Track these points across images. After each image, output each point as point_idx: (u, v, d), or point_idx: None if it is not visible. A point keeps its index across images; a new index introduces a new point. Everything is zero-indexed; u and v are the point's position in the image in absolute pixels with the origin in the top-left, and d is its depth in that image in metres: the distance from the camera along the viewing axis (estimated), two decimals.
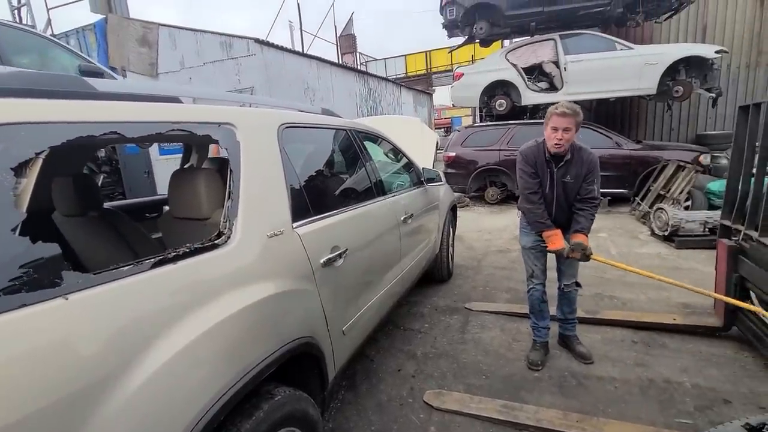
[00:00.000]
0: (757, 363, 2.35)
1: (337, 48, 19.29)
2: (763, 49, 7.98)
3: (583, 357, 2.45)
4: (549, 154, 2.21)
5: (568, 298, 2.49)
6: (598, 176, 2.23)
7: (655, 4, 6.80)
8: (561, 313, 2.55)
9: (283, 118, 1.70)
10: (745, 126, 2.45)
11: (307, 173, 2.39)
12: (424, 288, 3.65)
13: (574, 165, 2.20)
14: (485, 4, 7.24)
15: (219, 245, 1.19)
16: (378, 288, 2.16)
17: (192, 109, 1.33)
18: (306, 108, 2.18)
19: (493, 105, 7.53)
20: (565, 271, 2.44)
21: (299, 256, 1.47)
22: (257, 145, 1.48)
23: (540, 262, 2.46)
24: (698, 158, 6.13)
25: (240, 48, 7.57)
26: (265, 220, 1.38)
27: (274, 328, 1.25)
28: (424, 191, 3.13)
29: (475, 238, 5.47)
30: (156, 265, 1.00)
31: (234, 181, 1.32)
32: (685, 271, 3.94)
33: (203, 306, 1.06)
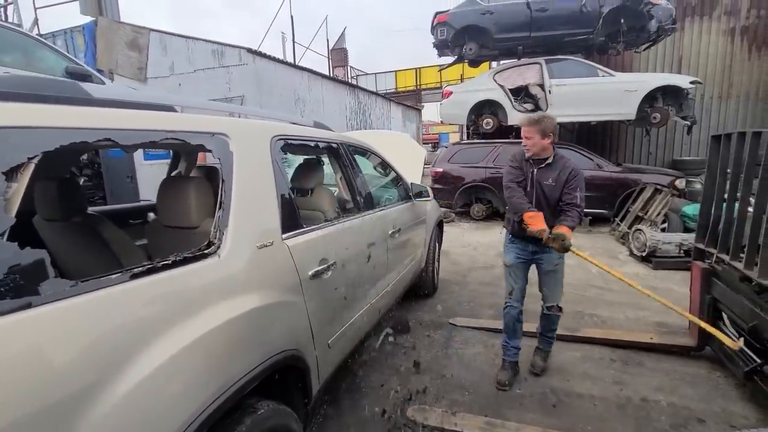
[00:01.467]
0: (729, 382, 2.43)
1: (329, 61, 19.49)
2: (734, 82, 8.42)
3: (533, 365, 2.58)
4: (529, 157, 2.40)
5: (549, 319, 2.58)
6: (582, 186, 2.32)
7: (635, 34, 7.14)
8: (540, 328, 2.65)
9: (275, 130, 1.72)
10: (717, 154, 2.58)
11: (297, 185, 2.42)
12: (410, 302, 3.66)
13: (554, 169, 2.34)
14: (475, 26, 7.46)
15: (209, 255, 1.18)
16: (364, 301, 2.16)
17: (186, 118, 1.34)
18: (298, 120, 2.21)
19: (480, 123, 7.70)
20: (548, 295, 2.52)
21: (288, 268, 1.47)
22: (250, 156, 1.49)
23: (521, 280, 2.52)
24: (674, 182, 6.37)
25: (231, 57, 7.58)
26: (255, 230, 1.38)
27: (260, 340, 1.24)
28: (412, 206, 3.17)
29: (460, 253, 5.52)
30: (142, 274, 0.99)
31: (226, 191, 1.32)
32: (661, 291, 4.05)
33: (189, 317, 1.05)
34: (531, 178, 2.37)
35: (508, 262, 2.55)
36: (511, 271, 2.54)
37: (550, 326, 2.59)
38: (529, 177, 2.38)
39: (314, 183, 2.40)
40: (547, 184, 2.33)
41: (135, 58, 7.79)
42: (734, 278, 2.36)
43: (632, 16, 6.85)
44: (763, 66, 8.27)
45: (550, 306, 2.52)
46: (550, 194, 2.34)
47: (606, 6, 6.84)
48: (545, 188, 2.34)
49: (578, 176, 2.32)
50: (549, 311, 2.53)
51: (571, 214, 2.29)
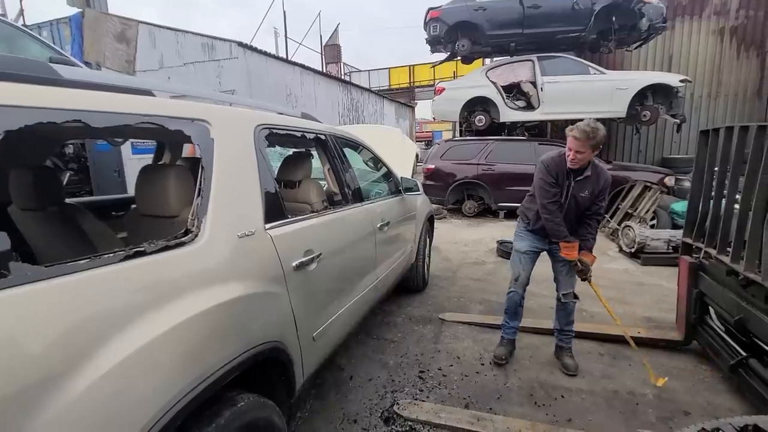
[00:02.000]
0: (715, 376, 2.45)
1: (322, 57, 19.38)
2: (723, 82, 8.52)
3: (566, 368, 2.50)
4: (571, 168, 2.28)
5: (566, 310, 2.55)
6: (607, 197, 2.39)
7: (626, 32, 7.17)
8: (558, 324, 2.61)
9: (260, 119, 1.68)
10: (705, 149, 2.59)
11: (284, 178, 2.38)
12: (399, 297, 3.64)
13: (591, 182, 2.29)
14: (468, 23, 7.45)
15: (185, 243, 1.15)
16: (351, 295, 2.13)
17: (164, 102, 1.30)
18: (286, 111, 2.17)
19: (472, 120, 7.70)
20: (563, 282, 2.52)
21: (270, 259, 1.44)
22: (232, 144, 1.45)
23: (528, 267, 2.58)
24: (663, 180, 6.43)
25: (222, 50, 7.48)
26: (236, 219, 1.34)
27: (240, 331, 1.21)
28: (402, 200, 3.14)
29: (451, 249, 5.51)
30: (112, 261, 0.95)
31: (205, 178, 1.29)
32: (650, 287, 4.09)
33: (164, 305, 1.01)
34: (567, 190, 2.31)
35: (522, 248, 2.56)
36: (521, 258, 2.57)
37: (568, 317, 2.56)
38: (564, 189, 2.32)
39: (302, 175, 2.37)
40: (583, 196, 2.31)
41: (123, 50, 7.65)
42: (721, 272, 2.38)
43: (624, 14, 6.89)
44: (751, 66, 8.37)
45: (566, 293, 2.52)
46: (582, 204, 2.34)
47: (598, 3, 6.86)
48: (580, 200, 2.32)
49: (608, 186, 2.35)
50: (565, 299, 2.52)
51: (593, 230, 2.39)
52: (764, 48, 8.18)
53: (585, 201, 2.31)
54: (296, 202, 2.30)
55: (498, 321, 3.15)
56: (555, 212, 2.31)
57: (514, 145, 7.04)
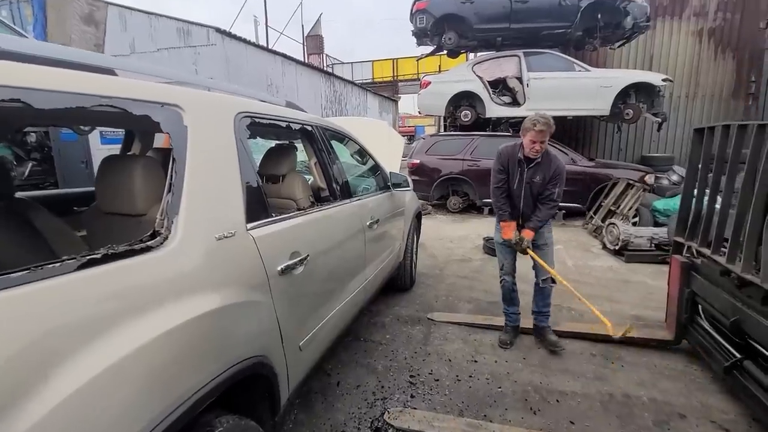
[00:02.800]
0: (706, 376, 2.43)
1: (304, 48, 18.94)
2: (701, 82, 8.71)
3: (552, 345, 2.67)
4: (524, 157, 2.53)
5: (543, 293, 2.74)
6: (562, 182, 2.54)
7: (611, 31, 7.21)
8: (536, 306, 2.80)
9: (241, 106, 1.51)
10: (699, 147, 2.56)
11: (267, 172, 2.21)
12: (387, 296, 3.52)
13: (542, 168, 2.53)
14: (454, 15, 7.33)
15: (153, 247, 0.98)
16: (340, 298, 1.99)
17: (127, 83, 1.12)
18: (269, 99, 2.00)
19: (458, 115, 7.61)
20: (539, 268, 2.70)
21: (253, 263, 1.28)
22: (208, 133, 1.28)
23: (510, 256, 2.77)
24: (644, 177, 6.51)
25: (199, 36, 7.12)
26: (213, 219, 1.18)
27: (218, 348, 1.06)
28: (391, 196, 3.01)
29: (437, 246, 5.43)
30: (61, 271, 0.78)
31: (177, 172, 1.12)
32: (634, 284, 4.10)
33: (126, 324, 0.85)
34: (521, 176, 2.56)
35: (498, 240, 2.77)
36: (502, 248, 2.78)
37: (545, 300, 2.74)
38: (517, 175, 2.56)
39: (286, 169, 2.20)
40: (536, 182, 2.54)
41: (91, 33, 7.18)
42: (714, 272, 2.35)
43: (609, 11, 6.91)
44: (727, 67, 8.59)
45: (544, 279, 2.69)
46: (537, 190, 2.57)
47: (584, 0, 6.86)
48: (533, 186, 2.56)
49: (561, 174, 2.54)
50: (543, 284, 2.70)
51: (541, 213, 2.57)
52: (740, 50, 8.40)
53: (540, 186, 2.54)
54: (280, 197, 2.14)
55: (488, 321, 3.09)
56: (499, 196, 2.62)
57: (499, 141, 6.95)
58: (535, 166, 2.53)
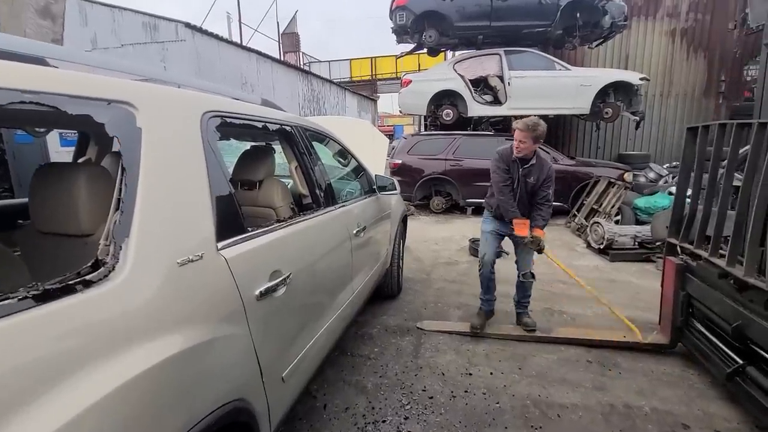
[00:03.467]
0: (703, 380, 2.37)
1: (279, 46, 18.51)
2: (674, 81, 8.91)
3: (526, 325, 2.90)
4: (518, 158, 2.69)
5: (524, 286, 2.96)
6: (553, 184, 2.75)
7: (590, 30, 7.25)
8: (517, 297, 3.02)
9: (209, 105, 1.31)
10: (693, 147, 2.49)
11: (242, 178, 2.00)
12: (373, 305, 3.35)
13: (536, 170, 2.69)
14: (435, 12, 7.21)
15: (92, 282, 0.78)
16: (326, 316, 1.81)
17: (62, 75, 0.90)
18: (243, 96, 1.79)
19: (440, 114, 7.51)
20: (521, 263, 2.92)
21: (225, 289, 1.09)
22: (169, 137, 1.08)
23: (492, 247, 2.91)
24: (623, 175, 6.57)
25: (167, 32, 6.73)
26: (174, 240, 0.98)
27: (180, 402, 0.86)
28: (377, 200, 2.84)
29: (422, 248, 5.29)
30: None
31: (128, 185, 0.91)
32: (621, 283, 4.08)
33: (60, 383, 0.66)
34: (517, 177, 2.71)
35: (487, 229, 2.94)
36: (487, 237, 2.92)
37: (525, 292, 2.98)
38: (515, 176, 2.72)
39: (263, 174, 2.00)
40: (530, 182, 2.70)
41: (48, 27, 6.66)
42: (712, 275, 2.28)
43: (588, 10, 6.94)
44: (699, 67, 8.82)
45: (524, 273, 2.90)
46: (531, 191, 2.73)
47: None
48: (528, 186, 2.72)
49: (552, 175, 2.73)
50: (524, 278, 2.91)
51: (543, 213, 2.74)
52: (710, 50, 8.63)
53: (533, 186, 2.71)
54: (257, 206, 1.93)
55: None
56: (507, 194, 2.72)
57: (481, 141, 6.92)
58: (530, 168, 2.68)
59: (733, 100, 8.34)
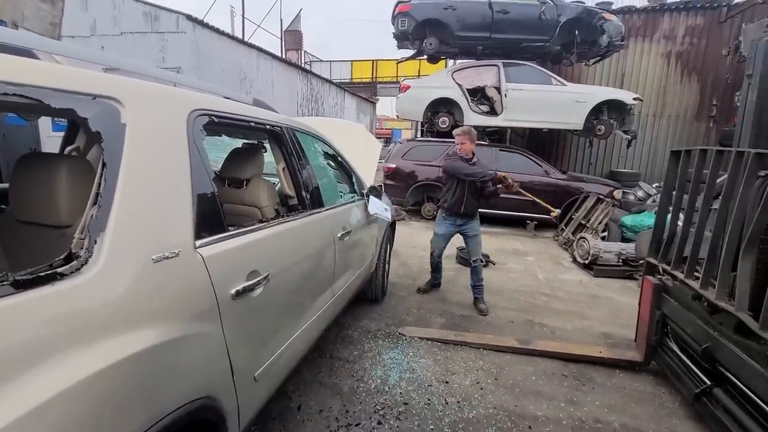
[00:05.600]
0: (673, 399, 2.42)
1: (282, 43, 18.52)
2: (667, 103, 9.07)
3: (480, 311, 3.51)
4: (461, 157, 3.49)
5: (476, 271, 3.57)
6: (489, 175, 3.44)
7: (587, 47, 7.37)
8: (471, 282, 3.61)
9: (197, 102, 1.32)
10: (675, 169, 2.55)
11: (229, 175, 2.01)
12: (356, 308, 3.36)
13: (476, 165, 3.49)
14: (437, 21, 7.27)
15: (65, 275, 0.79)
16: (305, 317, 1.82)
17: (47, 68, 0.92)
18: (234, 96, 1.80)
19: (436, 121, 7.56)
20: (471, 251, 3.60)
21: (200, 287, 1.10)
22: (154, 133, 1.09)
23: (442, 244, 3.70)
24: (612, 193, 6.66)
25: (168, 22, 6.70)
26: (151, 237, 0.99)
27: (148, 396, 0.87)
28: (365, 204, 2.86)
29: (410, 254, 5.32)
30: None
31: (107, 179, 0.93)
32: (603, 299, 4.13)
33: (23, 374, 0.67)
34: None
35: (439, 232, 3.65)
36: (439, 239, 3.66)
37: (478, 276, 3.58)
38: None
39: (251, 173, 2.01)
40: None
41: (46, 11, 6.62)
42: (686, 296, 2.34)
43: (586, 28, 7.05)
44: (692, 90, 8.98)
45: (474, 260, 3.57)
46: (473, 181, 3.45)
47: (563, 16, 6.97)
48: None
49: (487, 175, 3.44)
50: (474, 263, 3.57)
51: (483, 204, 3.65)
52: (703, 75, 8.81)
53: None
54: (243, 204, 1.95)
55: (460, 337, 2.99)
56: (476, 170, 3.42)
57: (476, 150, 6.98)
58: (473, 164, 3.49)
59: (724, 125, 8.51)
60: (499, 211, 6.74)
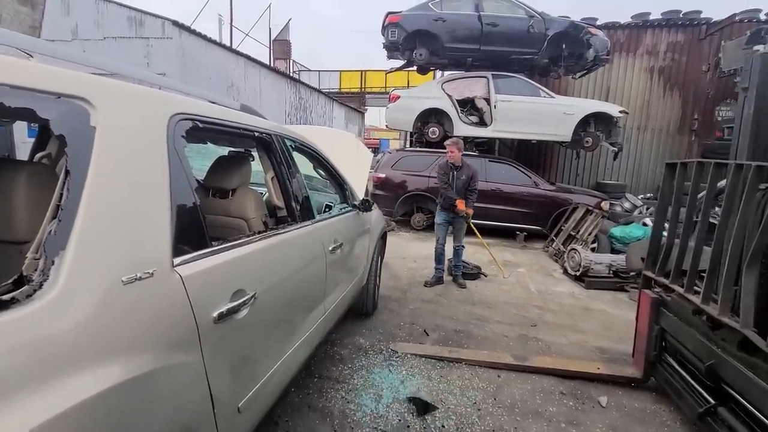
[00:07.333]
0: (674, 417, 2.36)
1: (270, 52, 18.45)
2: (650, 116, 9.28)
3: (460, 285, 4.46)
4: (450, 164, 4.30)
5: (457, 253, 4.52)
6: (477, 180, 4.39)
7: (574, 61, 7.49)
8: (453, 262, 4.56)
9: (179, 106, 1.21)
10: (671, 182, 2.53)
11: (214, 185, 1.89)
12: (346, 322, 3.23)
13: (464, 171, 4.30)
14: (426, 32, 7.30)
15: (14, 302, 0.66)
16: (295, 338, 1.69)
17: (5, 63, 0.80)
18: (220, 100, 1.70)
19: (426, 132, 7.54)
20: (456, 237, 4.49)
21: (177, 312, 0.98)
22: (127, 139, 0.98)
23: (444, 232, 4.47)
24: (600, 204, 6.70)
25: (153, 28, 6.55)
26: (121, 255, 0.87)
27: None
28: (357, 215, 2.76)
29: (400, 265, 5.21)
30: None
31: (71, 188, 0.81)
32: (596, 312, 4.09)
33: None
34: (452, 177, 4.27)
35: (438, 221, 4.48)
36: (440, 228, 4.48)
37: (458, 258, 4.53)
38: (451, 176, 4.28)
39: (237, 182, 1.89)
40: (462, 179, 4.26)
41: (26, 14, 6.40)
42: (686, 311, 2.29)
43: (573, 42, 7.17)
44: (674, 104, 9.21)
45: (456, 245, 4.48)
46: (462, 185, 4.27)
47: (551, 30, 7.07)
48: (459, 182, 4.26)
49: (475, 174, 4.37)
50: (456, 248, 4.49)
51: (472, 197, 4.35)
52: (685, 89, 9.05)
53: (463, 182, 4.26)
54: (228, 216, 1.82)
55: (454, 354, 2.89)
56: (449, 189, 4.26)
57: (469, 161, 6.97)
58: (460, 170, 4.27)
59: (705, 139, 8.71)
60: (489, 222, 6.70)
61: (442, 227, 4.49)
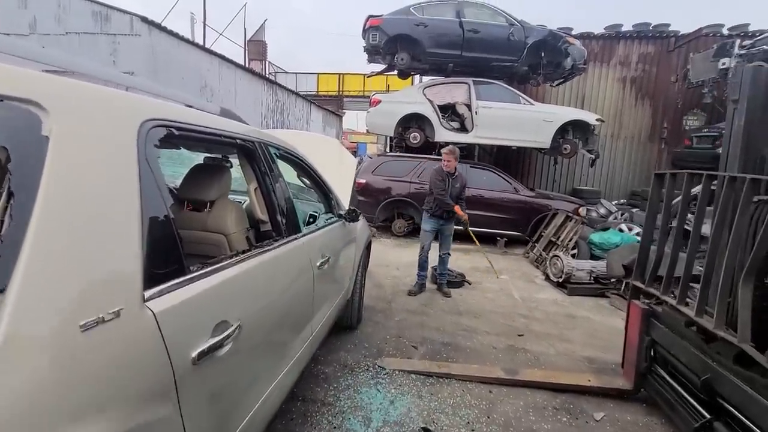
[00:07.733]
0: (667, 430, 2.33)
1: (245, 52, 18.01)
2: (623, 125, 9.58)
3: (444, 293, 4.41)
4: (446, 171, 4.26)
5: (443, 261, 4.48)
6: (465, 187, 4.46)
7: (552, 69, 7.62)
8: (438, 270, 4.54)
9: (151, 111, 1.06)
10: (659, 192, 2.53)
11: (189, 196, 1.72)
12: (330, 337, 3.06)
13: (459, 179, 4.33)
14: (408, 36, 7.26)
15: None
16: (281, 367, 1.54)
17: None
18: (198, 104, 1.53)
19: (407, 137, 7.48)
20: (443, 245, 4.46)
21: (150, 358, 0.82)
22: (88, 150, 0.82)
23: (429, 240, 4.42)
24: (578, 210, 6.81)
25: (120, 24, 6.19)
26: (78, 293, 0.71)
27: None
28: (343, 226, 2.63)
29: (382, 273, 5.09)
30: None
31: (15, 214, 0.65)
32: (580, 319, 4.09)
33: None
34: (448, 183, 4.26)
35: (427, 228, 4.41)
36: (427, 235, 4.41)
37: (444, 265, 4.50)
38: (448, 183, 4.26)
39: (216, 194, 1.73)
40: (456, 187, 4.28)
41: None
42: (678, 323, 2.28)
43: (552, 51, 7.29)
44: (645, 114, 9.55)
45: (443, 252, 4.45)
46: (457, 192, 4.30)
47: (531, 38, 7.16)
48: (454, 189, 4.28)
49: (466, 183, 4.49)
50: (442, 255, 4.45)
51: (463, 205, 4.38)
52: (655, 99, 9.40)
53: (457, 189, 4.29)
54: (206, 231, 1.65)
55: (443, 369, 2.79)
56: (445, 196, 4.20)
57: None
58: (455, 178, 4.29)
59: (674, 147, 9.05)
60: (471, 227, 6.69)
61: (429, 234, 4.42)
